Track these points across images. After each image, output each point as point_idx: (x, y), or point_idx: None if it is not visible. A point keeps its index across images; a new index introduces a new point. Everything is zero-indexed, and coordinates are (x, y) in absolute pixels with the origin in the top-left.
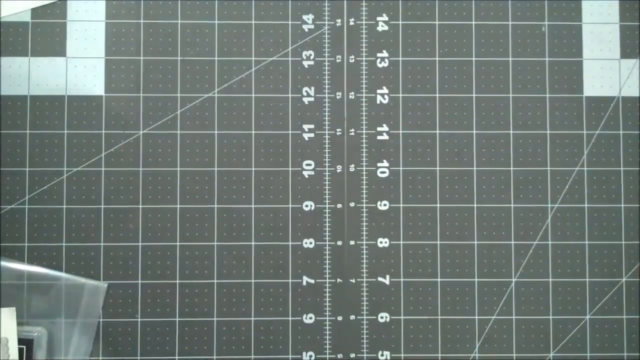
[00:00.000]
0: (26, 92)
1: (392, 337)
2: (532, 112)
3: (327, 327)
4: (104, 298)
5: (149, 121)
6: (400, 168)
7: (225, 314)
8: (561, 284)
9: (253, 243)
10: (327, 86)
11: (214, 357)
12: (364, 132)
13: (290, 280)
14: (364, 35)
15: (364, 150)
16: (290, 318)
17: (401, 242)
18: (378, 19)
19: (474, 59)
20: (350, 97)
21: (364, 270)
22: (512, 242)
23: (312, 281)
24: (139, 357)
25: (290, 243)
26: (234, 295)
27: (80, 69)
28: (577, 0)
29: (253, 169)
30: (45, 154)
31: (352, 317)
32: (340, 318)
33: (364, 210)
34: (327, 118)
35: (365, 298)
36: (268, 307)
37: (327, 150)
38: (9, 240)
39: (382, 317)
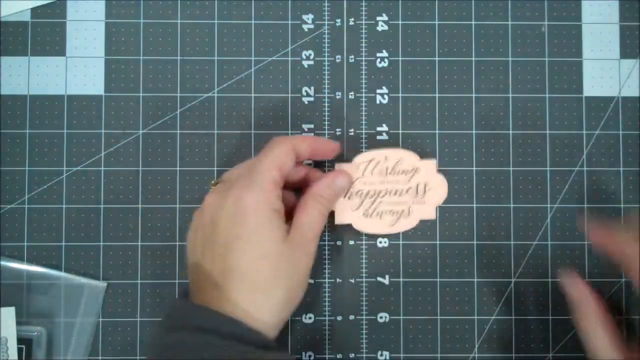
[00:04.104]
0: (26, 92)
1: (391, 337)
2: (532, 112)
3: (327, 327)
4: (104, 298)
5: (148, 121)
6: None
7: None
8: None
9: None
10: (326, 86)
11: None
12: (363, 131)
13: None
14: (363, 35)
15: (364, 149)
16: (289, 318)
17: (400, 242)
18: (378, 18)
19: (473, 59)
20: (349, 97)
21: (364, 270)
22: (512, 242)
23: (312, 281)
24: (138, 357)
25: None
26: None
27: (80, 68)
28: (577, 0)
29: None
30: (45, 153)
31: (352, 317)
32: (339, 318)
33: None
34: (326, 118)
35: (364, 298)
36: None
37: None
38: (9, 240)
39: (381, 317)
